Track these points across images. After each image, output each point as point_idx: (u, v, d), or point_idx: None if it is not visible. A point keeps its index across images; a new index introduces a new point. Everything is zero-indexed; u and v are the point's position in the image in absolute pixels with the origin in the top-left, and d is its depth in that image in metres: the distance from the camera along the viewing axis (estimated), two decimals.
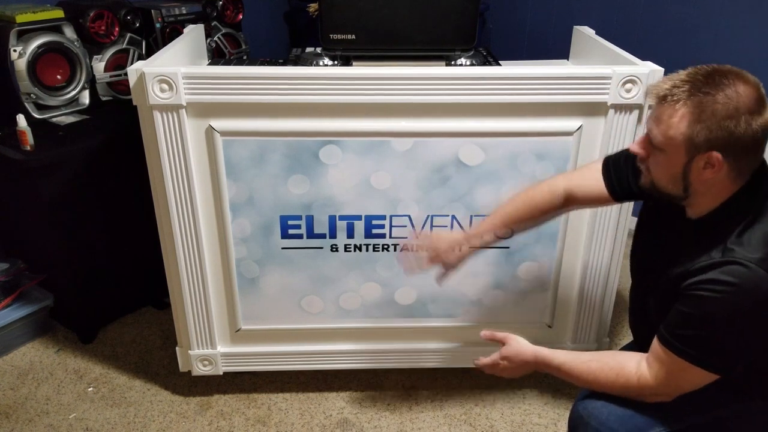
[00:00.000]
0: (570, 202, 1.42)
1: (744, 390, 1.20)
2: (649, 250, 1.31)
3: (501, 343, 1.40)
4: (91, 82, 2.15)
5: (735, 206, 1.11)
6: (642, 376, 1.18)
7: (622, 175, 1.34)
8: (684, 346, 1.11)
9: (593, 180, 1.37)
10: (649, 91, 1.11)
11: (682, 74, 1.07)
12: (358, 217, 1.67)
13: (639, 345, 1.37)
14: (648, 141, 1.12)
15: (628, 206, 1.68)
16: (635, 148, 1.16)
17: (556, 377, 1.36)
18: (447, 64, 1.75)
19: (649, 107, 1.12)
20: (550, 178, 1.48)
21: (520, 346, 1.37)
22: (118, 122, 2.06)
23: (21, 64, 1.92)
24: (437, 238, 1.51)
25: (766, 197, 1.11)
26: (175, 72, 1.45)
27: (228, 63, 2.11)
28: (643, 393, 1.19)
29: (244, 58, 2.53)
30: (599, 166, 1.38)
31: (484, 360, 1.42)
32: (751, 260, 1.04)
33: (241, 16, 2.53)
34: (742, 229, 1.08)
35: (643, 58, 1.60)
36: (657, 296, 1.23)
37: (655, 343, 1.16)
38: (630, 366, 1.20)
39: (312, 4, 2.87)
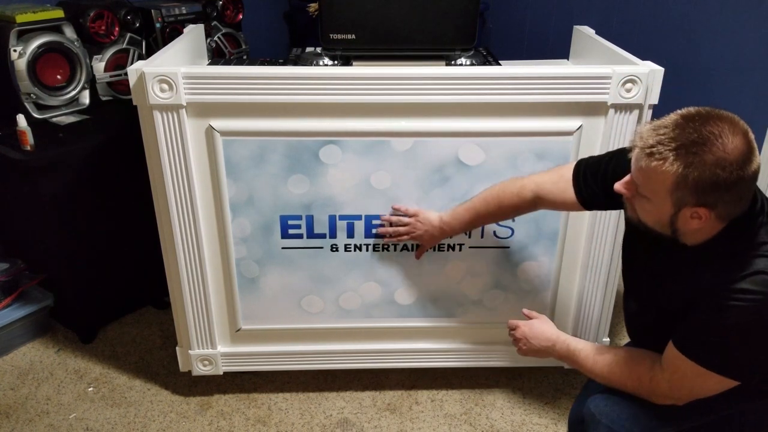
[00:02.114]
0: (538, 205, 1.46)
1: (753, 389, 1.20)
2: (643, 275, 1.29)
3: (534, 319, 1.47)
4: (91, 82, 2.15)
5: (735, 231, 1.10)
6: (654, 378, 1.18)
7: (592, 191, 1.34)
8: (705, 353, 1.11)
9: (562, 187, 1.39)
10: (634, 139, 1.08)
11: (667, 126, 1.03)
12: (358, 217, 1.67)
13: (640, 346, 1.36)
14: (634, 184, 1.11)
15: None
16: (620, 188, 1.14)
17: (557, 376, 1.36)
18: (447, 64, 1.75)
19: (630, 154, 1.10)
20: (520, 177, 1.48)
21: (546, 324, 1.42)
22: (118, 122, 2.06)
23: (21, 64, 1.92)
24: (416, 227, 1.61)
25: (764, 214, 1.10)
26: (175, 72, 1.45)
27: (228, 63, 2.11)
28: (654, 394, 1.19)
29: (244, 58, 2.53)
30: (570, 174, 1.37)
31: (513, 321, 1.50)
32: None
33: (241, 16, 2.53)
34: (751, 245, 1.08)
35: (643, 58, 1.60)
36: (666, 320, 1.21)
37: (672, 349, 1.16)
38: (644, 365, 1.20)
39: (312, 4, 2.87)
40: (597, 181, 1.33)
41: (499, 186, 1.50)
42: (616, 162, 1.29)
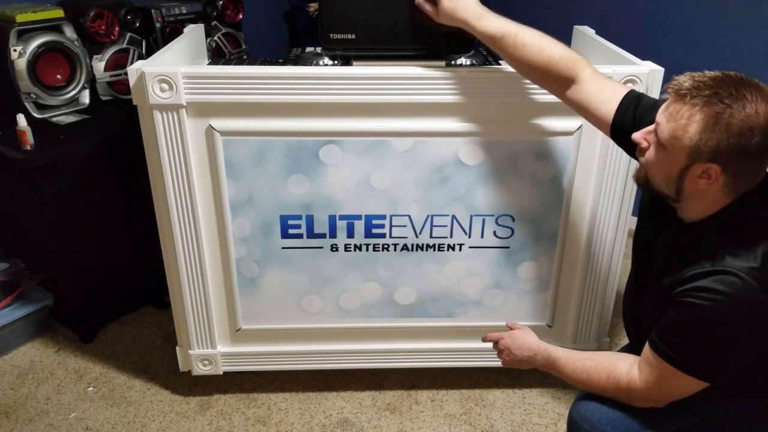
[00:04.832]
0: (572, 87, 1.32)
1: (733, 390, 1.20)
2: (643, 251, 1.30)
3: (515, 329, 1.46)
4: (91, 81, 2.15)
5: (727, 217, 1.10)
6: (632, 379, 1.18)
7: (627, 124, 1.24)
8: (674, 353, 1.11)
9: (607, 97, 1.28)
10: (668, 86, 1.06)
11: (707, 76, 1.03)
12: (358, 217, 1.67)
13: (633, 346, 1.37)
14: (653, 133, 1.09)
15: (628, 206, 1.68)
16: (638, 137, 1.13)
17: (557, 377, 1.36)
18: (447, 64, 1.75)
19: (664, 100, 1.08)
20: (579, 56, 1.33)
21: (528, 335, 1.41)
22: (118, 122, 2.06)
23: (21, 63, 1.92)
24: None
25: (757, 209, 1.10)
26: (175, 72, 1.45)
27: (228, 63, 2.11)
28: (632, 397, 1.19)
29: (244, 57, 2.53)
30: (621, 94, 1.27)
31: (492, 334, 1.49)
32: (743, 270, 1.03)
33: (241, 16, 2.53)
34: (734, 240, 1.08)
35: (643, 58, 1.60)
36: (648, 302, 1.22)
37: (646, 348, 1.16)
38: (622, 368, 1.20)
39: (312, 4, 2.87)
40: (635, 119, 1.25)
41: (556, 41, 1.33)
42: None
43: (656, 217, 1.26)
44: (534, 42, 1.33)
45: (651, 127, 1.11)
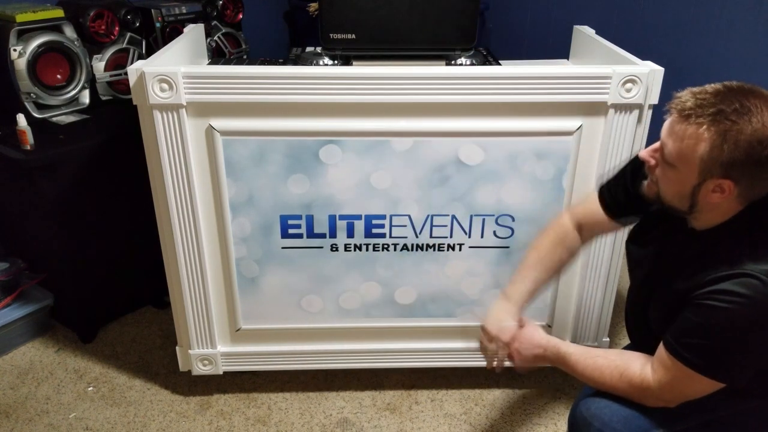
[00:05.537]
0: (582, 231, 1.43)
1: (746, 391, 1.20)
2: (648, 259, 1.30)
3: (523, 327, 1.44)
4: (91, 81, 2.15)
5: (741, 223, 1.10)
6: (645, 379, 1.18)
7: (615, 198, 1.35)
8: (691, 355, 1.10)
9: (591, 202, 1.39)
10: (670, 104, 1.06)
11: (708, 92, 1.02)
12: (358, 217, 1.67)
13: (636, 347, 1.36)
14: (660, 152, 1.10)
15: None
16: (645, 155, 1.14)
17: (557, 376, 1.36)
18: (447, 64, 1.75)
19: (665, 116, 1.09)
20: (556, 225, 1.45)
21: (535, 330, 1.39)
22: (118, 122, 2.06)
23: (21, 63, 1.92)
24: (491, 330, 1.39)
25: None
26: (175, 71, 1.45)
27: (228, 62, 2.11)
28: (645, 396, 1.19)
29: (244, 57, 2.53)
30: (596, 196, 1.39)
31: (498, 350, 1.44)
32: (764, 273, 1.03)
33: (241, 16, 2.54)
34: (751, 242, 1.07)
35: (643, 58, 1.60)
36: (659, 308, 1.22)
37: (661, 350, 1.16)
38: (635, 367, 1.20)
39: (312, 4, 2.88)
40: (619, 185, 1.34)
41: (542, 249, 1.43)
42: (632, 164, 1.31)
43: (662, 223, 1.26)
44: (541, 258, 1.42)
45: (656, 145, 1.11)
